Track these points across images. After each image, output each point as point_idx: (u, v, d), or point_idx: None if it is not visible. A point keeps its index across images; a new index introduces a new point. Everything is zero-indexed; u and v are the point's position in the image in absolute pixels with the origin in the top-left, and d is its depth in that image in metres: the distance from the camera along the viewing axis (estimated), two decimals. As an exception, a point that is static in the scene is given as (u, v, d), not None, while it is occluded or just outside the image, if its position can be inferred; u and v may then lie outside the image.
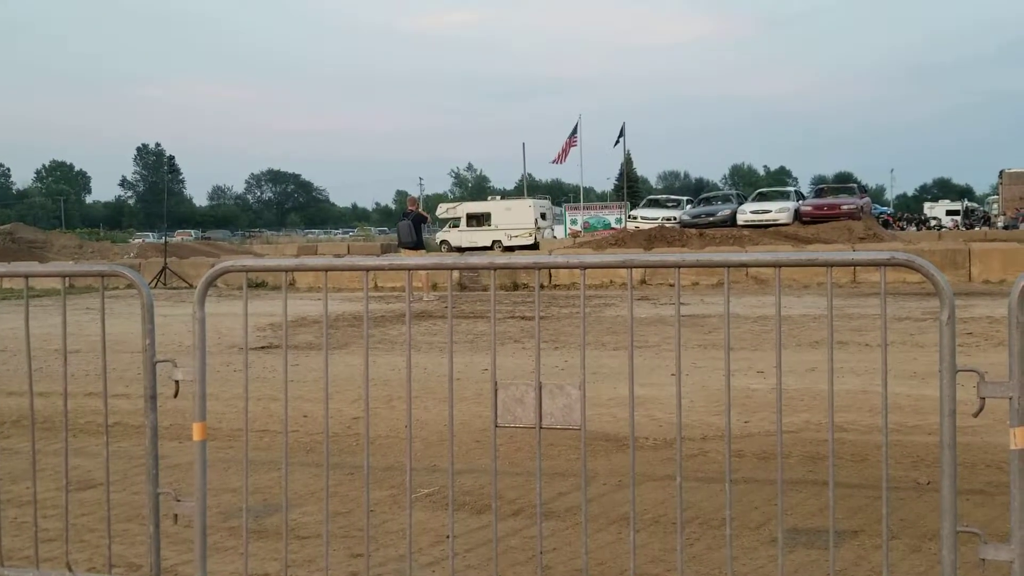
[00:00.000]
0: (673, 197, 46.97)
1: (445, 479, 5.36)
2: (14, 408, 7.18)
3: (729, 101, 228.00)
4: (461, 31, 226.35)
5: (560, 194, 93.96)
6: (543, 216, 46.65)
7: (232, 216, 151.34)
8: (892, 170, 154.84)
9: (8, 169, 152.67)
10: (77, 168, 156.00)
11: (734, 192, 43.46)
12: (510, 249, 41.84)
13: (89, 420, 7.25)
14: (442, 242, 45.83)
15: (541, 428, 3.14)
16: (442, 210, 49.67)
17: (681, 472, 3.15)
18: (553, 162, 52.79)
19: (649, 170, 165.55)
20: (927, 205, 75.10)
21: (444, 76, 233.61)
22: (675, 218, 35.09)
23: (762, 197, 35.24)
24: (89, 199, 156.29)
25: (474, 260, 3.47)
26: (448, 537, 4.41)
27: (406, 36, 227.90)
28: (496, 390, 3.20)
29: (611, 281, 20.48)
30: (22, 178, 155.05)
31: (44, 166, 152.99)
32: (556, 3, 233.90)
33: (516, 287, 20.82)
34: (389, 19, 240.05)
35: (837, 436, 6.02)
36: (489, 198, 55.11)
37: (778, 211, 31.27)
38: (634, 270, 3.17)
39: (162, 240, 36.31)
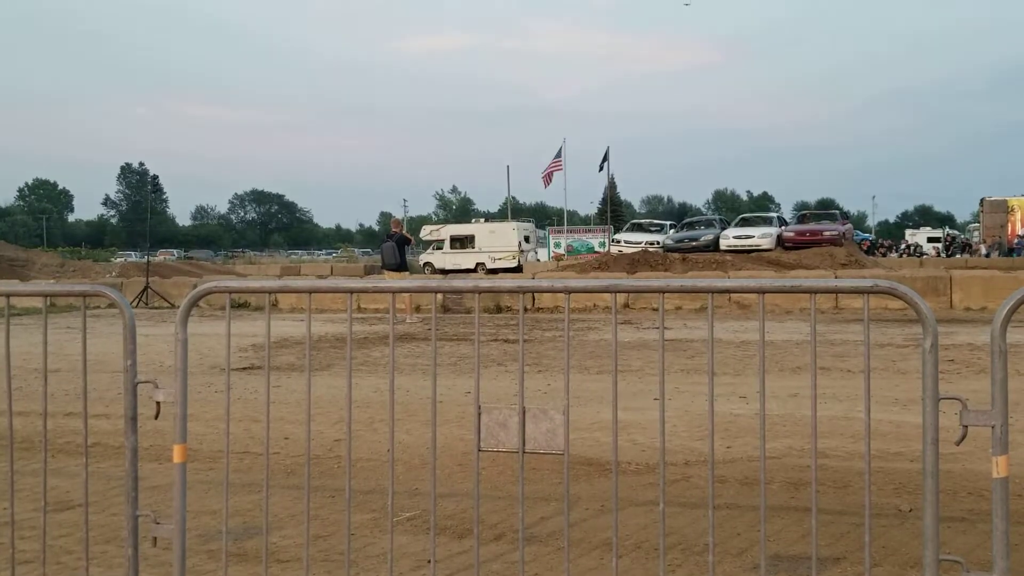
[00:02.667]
0: (656, 221, 47.14)
1: (427, 503, 5.33)
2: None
3: (712, 127, 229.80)
4: (447, 55, 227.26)
5: (544, 217, 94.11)
6: (527, 239, 46.76)
7: (215, 236, 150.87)
8: (874, 197, 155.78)
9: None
10: (60, 186, 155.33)
11: (717, 217, 43.69)
12: (493, 272, 41.89)
13: (68, 440, 7.17)
14: (426, 264, 45.82)
15: (524, 453, 3.13)
16: (426, 232, 49.69)
17: (664, 497, 3.14)
18: (545, 185, 52.81)
19: (633, 194, 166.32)
20: (908, 232, 75.73)
21: (429, 98, 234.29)
22: (658, 242, 35.21)
23: (745, 223, 35.41)
24: (72, 217, 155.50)
25: (458, 283, 3.47)
26: (430, 562, 4.38)
27: (392, 59, 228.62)
28: (480, 414, 3.19)
29: (594, 305, 20.50)
30: (4, 196, 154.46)
31: (27, 184, 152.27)
32: (541, 29, 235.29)
33: (499, 310, 20.81)
34: (374, 42, 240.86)
35: (819, 462, 6.03)
36: (473, 220, 55.19)
37: (761, 236, 31.43)
38: (618, 294, 3.17)
39: (144, 259, 36.14)
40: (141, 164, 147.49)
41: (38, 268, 43.35)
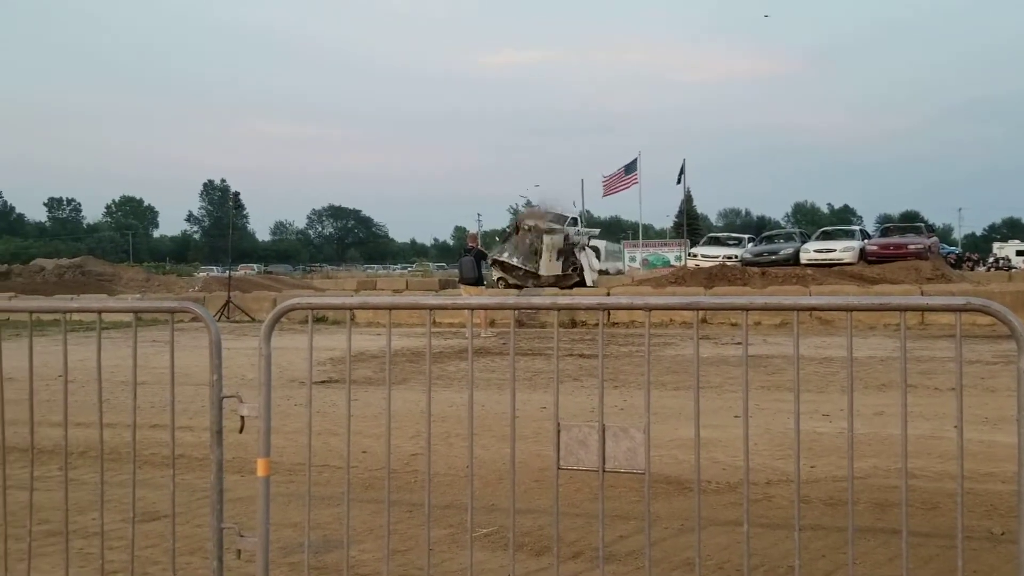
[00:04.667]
0: (734, 235, 46.52)
1: (504, 519, 5.33)
2: (81, 439, 7.30)
3: (792, 138, 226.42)
4: (523, 68, 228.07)
5: (619, 231, 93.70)
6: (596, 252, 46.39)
7: (294, 251, 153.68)
8: (960, 209, 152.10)
9: (79, 204, 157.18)
10: (146, 203, 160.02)
11: (797, 230, 42.99)
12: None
13: (154, 452, 7.34)
14: (499, 279, 45.88)
15: (604, 472, 3.10)
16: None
17: (748, 518, 3.08)
18: (604, 195, 52.66)
19: (709, 207, 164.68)
20: (996, 245, 73.48)
21: (504, 112, 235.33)
22: (736, 256, 34.76)
23: (826, 236, 34.78)
24: (156, 233, 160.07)
25: (537, 300, 3.45)
26: (508, 578, 4.37)
27: (467, 73, 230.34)
28: (559, 432, 3.17)
29: (671, 320, 20.31)
30: (92, 213, 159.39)
31: (114, 201, 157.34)
32: (616, 41, 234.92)
33: (575, 324, 20.74)
34: (447, 58, 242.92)
35: (907, 483, 5.87)
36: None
37: (843, 250, 30.85)
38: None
39: (226, 274, 36.96)
40: (223, 181, 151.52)
41: (124, 283, 44.69)
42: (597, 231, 48.43)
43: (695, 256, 38.00)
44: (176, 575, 3.85)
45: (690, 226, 69.69)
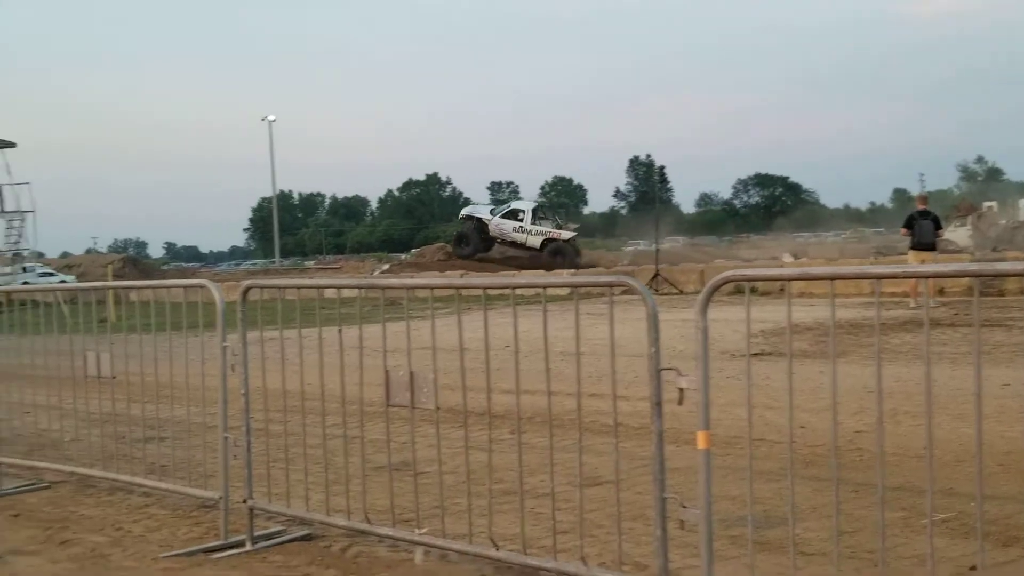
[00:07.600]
0: None
1: (961, 504, 4.88)
2: (529, 405, 7.81)
3: None
4: (967, 16, 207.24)
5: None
6: None
7: (719, 221, 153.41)
8: None
9: (518, 186, 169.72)
10: (576, 182, 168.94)
11: None
12: None
13: (594, 420, 7.65)
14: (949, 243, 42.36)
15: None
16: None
17: None
18: None
19: None
20: None
21: (947, 63, 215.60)
22: None
23: None
24: (586, 210, 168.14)
25: (1004, 266, 3.05)
26: (973, 568, 3.97)
27: (901, 24, 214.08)
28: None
29: None
30: (529, 194, 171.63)
31: (547, 182, 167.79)
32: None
33: (1041, 292, 18.53)
34: (874, 8, 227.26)
35: None
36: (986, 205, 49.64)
37: None
38: None
39: (652, 247, 37.83)
40: (648, 156, 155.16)
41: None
42: None
43: None
44: (621, 539, 3.97)
45: None
